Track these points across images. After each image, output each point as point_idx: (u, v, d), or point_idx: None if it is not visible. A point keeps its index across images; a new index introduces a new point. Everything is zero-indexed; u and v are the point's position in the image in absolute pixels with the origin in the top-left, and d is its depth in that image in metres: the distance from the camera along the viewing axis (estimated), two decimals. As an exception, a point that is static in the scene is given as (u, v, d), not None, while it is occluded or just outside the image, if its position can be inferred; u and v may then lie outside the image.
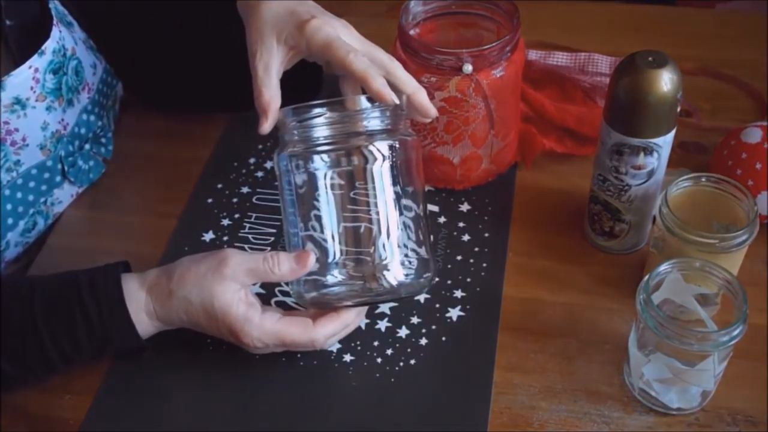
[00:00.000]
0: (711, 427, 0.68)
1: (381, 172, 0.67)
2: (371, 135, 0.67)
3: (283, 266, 0.67)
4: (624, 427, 0.68)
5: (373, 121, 0.68)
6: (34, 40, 0.79)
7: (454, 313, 0.77)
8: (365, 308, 0.72)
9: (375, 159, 0.67)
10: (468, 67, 0.77)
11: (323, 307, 0.69)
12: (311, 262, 0.67)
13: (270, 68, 0.69)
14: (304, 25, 0.69)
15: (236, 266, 0.67)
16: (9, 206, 0.81)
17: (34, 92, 0.78)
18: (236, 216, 0.86)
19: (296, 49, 0.70)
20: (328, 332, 0.68)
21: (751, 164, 0.79)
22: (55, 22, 0.80)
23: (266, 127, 0.69)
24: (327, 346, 0.70)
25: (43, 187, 0.84)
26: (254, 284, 0.74)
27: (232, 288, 0.67)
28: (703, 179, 0.73)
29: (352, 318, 0.70)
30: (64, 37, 0.81)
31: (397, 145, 0.68)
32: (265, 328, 0.67)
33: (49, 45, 0.79)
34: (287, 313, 0.70)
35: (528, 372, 0.73)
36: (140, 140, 0.96)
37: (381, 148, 0.67)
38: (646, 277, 0.66)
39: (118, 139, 0.95)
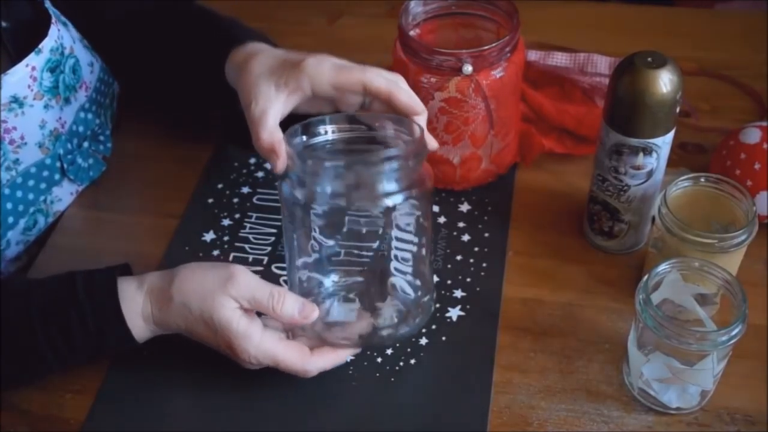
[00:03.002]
0: (710, 426, 0.68)
1: (390, 222, 0.66)
2: (384, 192, 0.65)
3: (286, 309, 0.67)
4: (623, 427, 0.69)
5: (389, 176, 0.64)
6: (31, 40, 0.79)
7: (454, 312, 0.77)
8: (359, 348, 0.72)
9: (386, 212, 0.66)
10: (468, 68, 0.77)
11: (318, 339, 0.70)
12: (313, 317, 0.68)
13: (266, 111, 0.68)
14: (302, 64, 0.69)
15: (242, 289, 0.67)
16: (9, 205, 0.81)
17: (32, 90, 0.78)
18: (237, 216, 0.87)
19: (299, 91, 0.69)
20: (322, 365, 0.69)
21: (750, 164, 0.79)
22: (53, 20, 0.81)
23: (279, 165, 0.67)
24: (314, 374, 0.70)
25: (43, 186, 0.84)
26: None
27: (232, 305, 0.67)
28: (702, 179, 0.73)
29: (345, 357, 0.71)
30: (63, 36, 0.82)
31: (412, 199, 0.66)
32: (264, 347, 0.67)
33: (47, 43, 0.79)
34: (286, 339, 0.70)
35: (527, 371, 0.73)
36: (140, 140, 0.96)
37: (392, 202, 0.65)
38: (646, 276, 0.66)
39: (119, 139, 0.95)
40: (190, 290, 0.67)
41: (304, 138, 0.68)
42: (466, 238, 0.83)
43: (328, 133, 0.69)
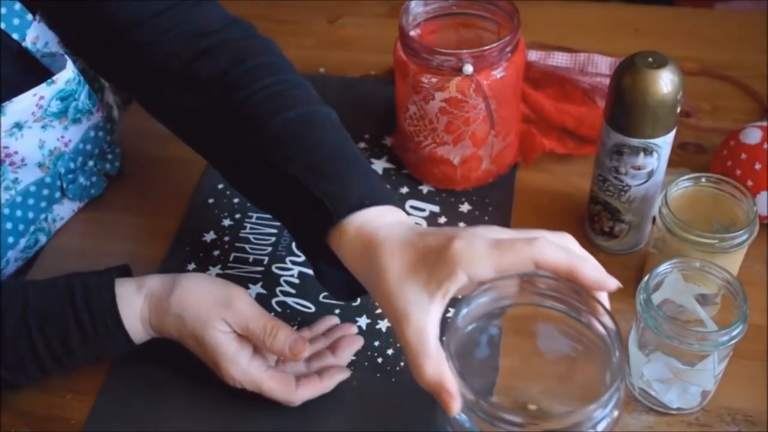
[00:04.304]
0: (711, 426, 0.68)
1: None
2: None
3: (277, 343, 0.67)
4: (624, 427, 0.68)
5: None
6: (29, 69, 0.75)
7: (455, 313, 0.77)
8: (347, 372, 0.71)
9: None
10: (468, 68, 0.77)
11: None
12: (303, 355, 0.67)
13: (424, 332, 0.54)
14: (450, 254, 0.54)
15: (238, 316, 0.67)
16: (9, 225, 0.80)
17: (34, 116, 0.75)
18: (237, 216, 0.86)
19: (454, 285, 0.54)
20: (307, 396, 0.68)
21: (751, 164, 0.79)
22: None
23: (455, 408, 0.53)
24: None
25: (43, 204, 0.83)
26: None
27: (225, 328, 0.67)
28: (703, 179, 0.73)
29: (333, 386, 0.70)
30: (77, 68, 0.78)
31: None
32: (249, 374, 0.67)
33: (63, 75, 0.75)
34: (273, 367, 0.69)
35: (528, 372, 0.72)
36: (141, 141, 0.96)
37: None
38: (646, 277, 0.66)
39: (120, 139, 0.95)
40: (187, 304, 0.67)
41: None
42: (466, 238, 0.83)
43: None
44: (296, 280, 0.80)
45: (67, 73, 0.75)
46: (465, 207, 0.86)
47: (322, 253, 0.64)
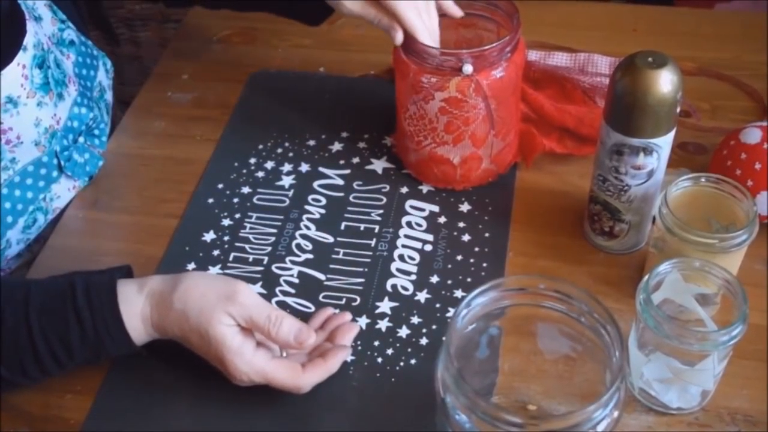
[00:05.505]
0: (711, 426, 0.68)
1: None
2: None
3: (282, 333, 0.67)
4: (624, 427, 0.68)
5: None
6: (7, 39, 0.77)
7: (455, 313, 0.77)
8: (349, 351, 0.72)
9: None
10: (468, 68, 0.77)
11: None
12: (308, 343, 0.68)
13: None
14: None
15: (241, 308, 0.67)
16: (8, 204, 0.81)
17: (25, 89, 0.78)
18: (237, 216, 0.86)
19: None
20: (315, 380, 0.69)
21: (751, 164, 0.79)
22: (27, 17, 0.79)
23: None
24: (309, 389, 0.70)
25: (41, 183, 0.84)
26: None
27: (229, 321, 0.67)
28: (703, 179, 0.73)
29: (338, 366, 0.70)
30: (36, 32, 0.81)
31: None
32: (255, 365, 0.67)
33: (29, 40, 0.78)
34: (278, 357, 0.70)
35: (528, 372, 0.72)
36: (140, 140, 0.96)
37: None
38: (646, 277, 0.66)
39: (119, 138, 0.95)
40: (190, 300, 0.67)
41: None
42: (466, 238, 0.83)
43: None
44: (296, 280, 0.80)
45: (31, 38, 0.78)
46: (465, 207, 0.86)
47: None
